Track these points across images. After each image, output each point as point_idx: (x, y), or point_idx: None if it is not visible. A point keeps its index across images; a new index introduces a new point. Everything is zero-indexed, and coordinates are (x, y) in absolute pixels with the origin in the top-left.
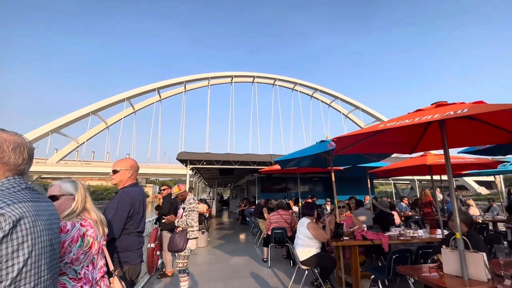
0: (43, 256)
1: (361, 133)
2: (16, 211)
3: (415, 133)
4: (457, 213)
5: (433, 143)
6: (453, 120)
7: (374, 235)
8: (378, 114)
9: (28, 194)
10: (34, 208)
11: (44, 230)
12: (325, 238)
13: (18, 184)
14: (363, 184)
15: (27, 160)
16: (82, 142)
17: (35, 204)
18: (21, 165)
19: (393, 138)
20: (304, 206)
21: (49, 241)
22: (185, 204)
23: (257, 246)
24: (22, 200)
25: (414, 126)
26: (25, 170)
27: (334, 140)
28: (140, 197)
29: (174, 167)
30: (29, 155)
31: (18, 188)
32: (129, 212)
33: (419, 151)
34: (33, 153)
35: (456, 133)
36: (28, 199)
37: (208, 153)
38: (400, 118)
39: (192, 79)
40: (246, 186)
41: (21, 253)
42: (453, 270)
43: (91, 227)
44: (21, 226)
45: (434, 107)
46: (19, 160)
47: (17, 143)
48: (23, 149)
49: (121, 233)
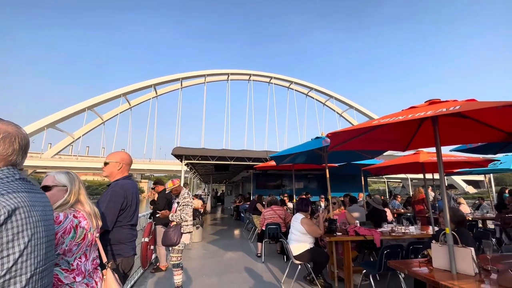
0: (39, 247)
1: (356, 129)
2: (11, 201)
3: (409, 130)
4: (447, 209)
5: (426, 141)
6: (445, 118)
7: (366, 231)
8: (371, 113)
9: (22, 185)
10: (29, 199)
11: (40, 221)
12: (318, 233)
13: (12, 174)
14: (357, 182)
15: (17, 151)
16: (77, 137)
17: (30, 194)
18: (11, 156)
19: (386, 135)
20: (299, 202)
21: (45, 232)
22: (180, 198)
23: (251, 242)
24: (16, 190)
25: (407, 123)
26: (17, 161)
27: (329, 135)
28: (133, 189)
29: (170, 163)
30: (20, 146)
31: (11, 178)
32: (122, 205)
33: (412, 149)
34: (26, 144)
35: (448, 131)
36: (23, 189)
37: (204, 148)
38: (393, 114)
39: (189, 76)
40: (241, 183)
41: (16, 243)
42: (442, 264)
43: (84, 218)
44: (16, 216)
45: (428, 104)
46: (8, 151)
47: (8, 132)
48: (13, 139)
49: (114, 225)
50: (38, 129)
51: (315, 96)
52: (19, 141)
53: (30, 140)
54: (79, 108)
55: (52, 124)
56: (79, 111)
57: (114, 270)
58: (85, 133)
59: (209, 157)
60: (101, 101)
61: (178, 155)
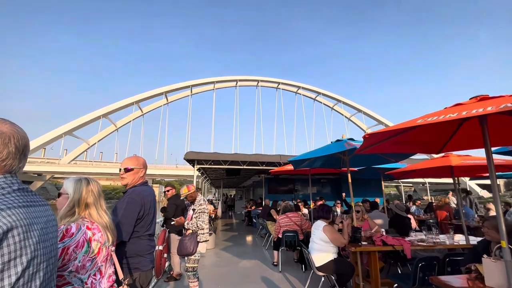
0: (37, 274)
1: (395, 129)
2: (4, 220)
3: (447, 131)
4: (502, 219)
5: (465, 142)
6: (493, 116)
7: (394, 240)
8: (380, 117)
9: (21, 197)
10: (27, 216)
11: (39, 243)
12: (342, 242)
13: (9, 185)
14: (374, 186)
15: (14, 154)
16: (93, 144)
17: (29, 209)
18: (7, 160)
19: (422, 136)
20: (320, 208)
21: (45, 256)
22: (195, 205)
23: (266, 249)
24: (12, 206)
25: (446, 123)
26: (14, 166)
27: (366, 136)
28: (151, 197)
29: (180, 168)
30: (17, 148)
31: (8, 190)
32: (139, 213)
33: (447, 151)
34: (25, 146)
35: (494, 130)
36: (21, 203)
37: (216, 153)
38: (437, 113)
39: (198, 83)
40: (252, 187)
41: (13, 271)
42: (497, 283)
43: (99, 230)
44: (9, 240)
45: (476, 101)
46: (2, 154)
47: (1, 132)
48: (7, 140)
49: (130, 236)
50: (56, 136)
51: (323, 101)
52: (15, 142)
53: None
54: (95, 115)
55: (70, 132)
56: (94, 118)
57: (131, 285)
58: (99, 140)
59: (222, 161)
60: (115, 108)
61: (191, 159)
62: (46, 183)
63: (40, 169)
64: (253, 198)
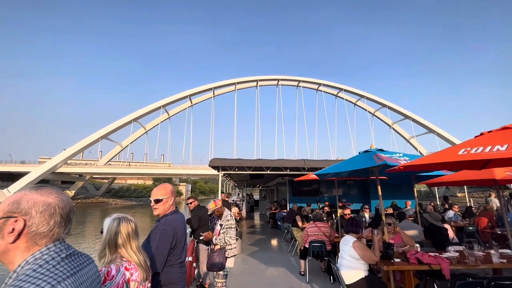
0: None
1: (433, 163)
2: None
3: None
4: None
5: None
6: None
7: (431, 258)
8: (405, 111)
9: (70, 264)
10: (75, 285)
11: None
12: (373, 260)
13: (58, 253)
14: (405, 189)
15: (59, 223)
16: (125, 146)
17: (76, 276)
18: (53, 229)
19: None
20: (350, 222)
21: None
22: (222, 220)
23: (292, 256)
24: (62, 278)
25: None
26: (60, 233)
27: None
28: (182, 225)
29: (205, 168)
30: (62, 216)
31: (57, 260)
32: (172, 243)
33: (490, 167)
34: (69, 212)
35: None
36: (69, 272)
37: (240, 159)
38: (482, 141)
39: (221, 85)
40: (276, 188)
41: None
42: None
43: (136, 270)
44: None
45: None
46: (50, 225)
47: (48, 204)
48: (53, 211)
49: (163, 266)
50: (94, 140)
51: (345, 97)
52: (60, 211)
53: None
54: (127, 120)
55: (105, 136)
56: (126, 123)
57: None
58: (131, 142)
59: (246, 167)
60: (144, 113)
61: (215, 166)
62: (86, 183)
63: (81, 170)
64: (277, 200)
